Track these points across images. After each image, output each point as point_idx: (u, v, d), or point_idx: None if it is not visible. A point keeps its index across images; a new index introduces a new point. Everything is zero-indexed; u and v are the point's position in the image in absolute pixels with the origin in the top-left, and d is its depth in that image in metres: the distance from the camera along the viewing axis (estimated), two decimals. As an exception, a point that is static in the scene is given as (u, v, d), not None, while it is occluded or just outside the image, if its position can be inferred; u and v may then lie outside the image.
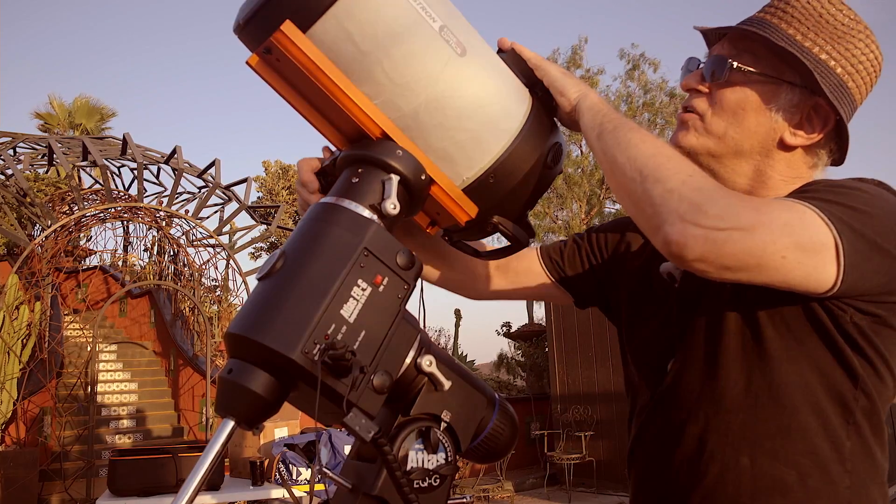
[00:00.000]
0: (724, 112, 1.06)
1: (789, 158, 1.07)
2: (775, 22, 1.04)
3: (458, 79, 0.88)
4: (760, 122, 1.05)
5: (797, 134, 1.04)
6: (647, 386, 1.13)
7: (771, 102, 1.04)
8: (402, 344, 0.84)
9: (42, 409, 9.18)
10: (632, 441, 1.15)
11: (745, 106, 1.05)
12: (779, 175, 1.07)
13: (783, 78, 1.03)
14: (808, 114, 1.04)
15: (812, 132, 1.04)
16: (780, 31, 1.03)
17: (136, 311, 12.93)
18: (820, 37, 1.02)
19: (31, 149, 12.79)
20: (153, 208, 11.08)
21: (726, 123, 1.06)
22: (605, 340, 9.67)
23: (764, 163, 1.07)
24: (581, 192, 19.03)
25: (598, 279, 1.30)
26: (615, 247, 1.29)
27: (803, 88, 1.03)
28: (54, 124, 20.09)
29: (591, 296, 1.34)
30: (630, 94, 19.92)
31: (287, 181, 22.47)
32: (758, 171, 1.07)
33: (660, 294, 1.15)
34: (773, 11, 1.06)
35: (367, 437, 0.76)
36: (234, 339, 0.78)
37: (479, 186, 0.92)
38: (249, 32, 0.85)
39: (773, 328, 0.97)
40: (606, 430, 9.47)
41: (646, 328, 1.17)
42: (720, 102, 1.07)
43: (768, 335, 0.97)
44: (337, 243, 0.80)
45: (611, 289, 1.29)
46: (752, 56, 1.05)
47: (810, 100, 1.03)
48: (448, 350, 15.12)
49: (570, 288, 1.34)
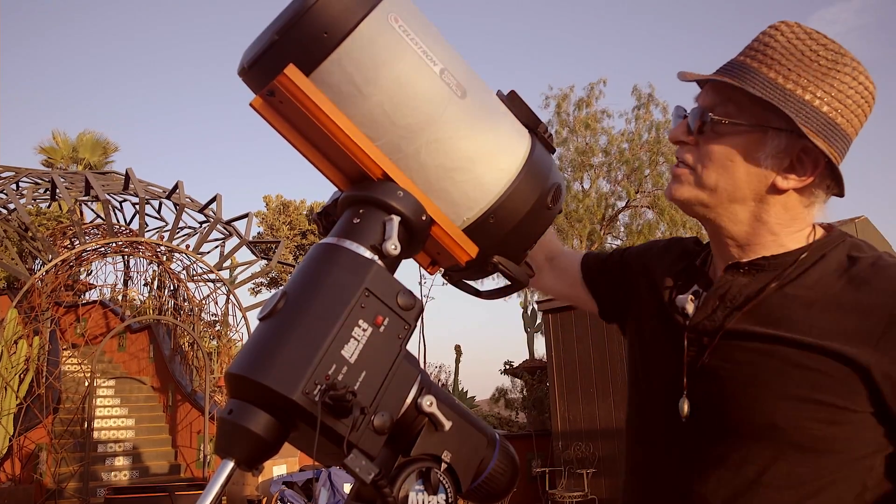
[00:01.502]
0: (712, 164, 1.06)
1: (785, 201, 1.06)
2: (755, 66, 1.03)
3: (459, 121, 0.89)
4: (750, 171, 1.04)
5: (789, 178, 1.04)
6: (656, 417, 1.14)
7: (759, 151, 1.03)
8: (402, 384, 0.84)
9: (38, 446, 9.09)
10: (641, 474, 1.16)
11: (733, 157, 1.05)
12: (775, 219, 1.07)
13: (768, 125, 1.02)
14: (797, 157, 1.03)
15: (804, 174, 1.04)
16: (761, 75, 1.02)
17: (135, 345, 12.89)
18: (803, 77, 1.01)
19: (34, 183, 12.86)
20: (154, 243, 11.11)
21: (717, 175, 1.06)
22: (605, 375, 9.61)
23: (759, 208, 1.07)
24: (582, 229, 19.10)
25: (621, 299, 1.32)
26: (643, 271, 1.29)
27: (790, 133, 1.01)
28: (58, 159, 20.24)
29: (613, 312, 1.36)
30: (634, 132, 20.14)
31: (288, 216, 22.53)
32: (754, 217, 1.07)
33: (671, 324, 1.15)
34: (752, 55, 1.05)
35: (368, 478, 0.76)
36: (235, 379, 0.78)
37: (480, 227, 0.93)
38: (253, 76, 0.86)
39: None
40: (608, 467, 9.37)
41: (656, 360, 1.18)
42: (708, 155, 1.06)
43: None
44: (338, 284, 0.80)
45: (628, 313, 1.31)
46: (734, 105, 1.04)
47: (798, 143, 1.02)
48: (449, 386, 15.02)
49: (598, 298, 1.37)
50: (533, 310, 15.65)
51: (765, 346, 1.02)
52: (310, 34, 0.81)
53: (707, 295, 1.12)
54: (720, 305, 1.09)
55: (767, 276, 1.07)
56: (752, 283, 1.08)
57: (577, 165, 19.96)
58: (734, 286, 1.09)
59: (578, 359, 9.98)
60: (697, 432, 1.07)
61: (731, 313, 1.07)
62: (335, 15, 0.81)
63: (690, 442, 1.08)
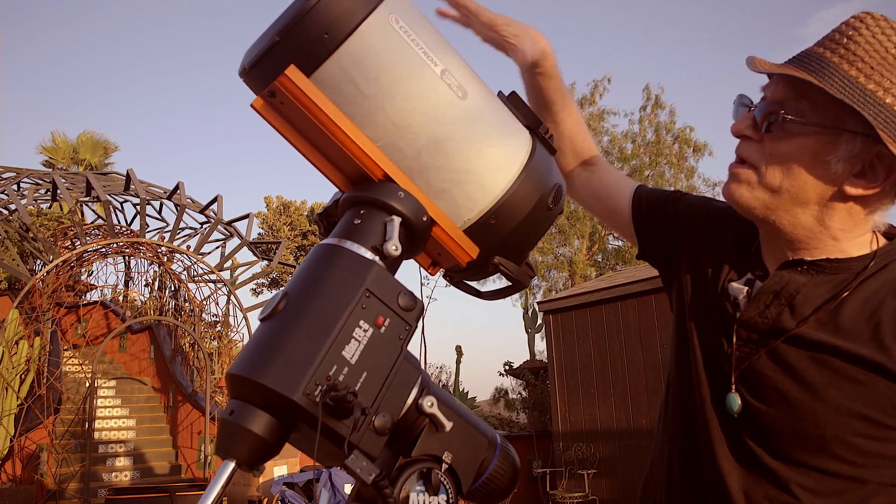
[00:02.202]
0: (778, 165, 0.99)
1: (850, 207, 1.00)
2: (836, 61, 0.96)
3: (460, 121, 0.90)
4: (818, 175, 0.98)
5: (857, 184, 0.98)
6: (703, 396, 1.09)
7: (830, 154, 0.97)
8: (403, 385, 0.84)
9: (39, 446, 9.10)
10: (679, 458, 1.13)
11: (802, 159, 0.98)
12: (838, 225, 1.01)
13: (843, 127, 0.95)
14: (870, 162, 0.97)
15: (874, 181, 0.97)
16: (841, 72, 0.95)
17: (135, 346, 12.89)
18: (886, 77, 0.94)
19: (35, 184, 12.88)
20: (155, 244, 11.12)
21: (782, 176, 0.99)
22: (606, 375, 9.61)
23: (823, 213, 1.01)
24: (583, 229, 19.11)
25: (668, 250, 1.26)
26: (696, 232, 1.22)
27: (865, 136, 0.94)
28: (58, 160, 20.25)
29: (655, 258, 1.31)
30: (637, 133, 20.19)
31: (289, 217, 22.55)
32: (817, 221, 1.02)
33: (719, 313, 1.10)
34: (834, 47, 0.97)
35: (369, 479, 0.76)
36: (236, 379, 0.78)
37: (481, 227, 0.93)
38: (254, 76, 0.87)
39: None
40: (609, 467, 9.36)
41: (702, 347, 1.12)
42: (775, 154, 1.00)
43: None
44: (339, 285, 0.80)
45: (673, 270, 1.24)
46: (808, 103, 0.98)
47: (873, 148, 0.95)
48: (449, 387, 15.02)
49: (641, 240, 1.31)
50: (534, 310, 15.67)
51: (820, 355, 0.97)
52: (311, 35, 0.81)
53: (760, 289, 1.07)
54: (773, 302, 1.04)
55: (828, 280, 1.01)
56: (810, 285, 1.02)
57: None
58: (791, 284, 1.03)
59: (579, 359, 9.98)
60: (738, 430, 1.04)
61: (792, 315, 1.01)
62: (336, 16, 0.81)
63: (730, 439, 1.04)
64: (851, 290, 0.98)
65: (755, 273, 1.10)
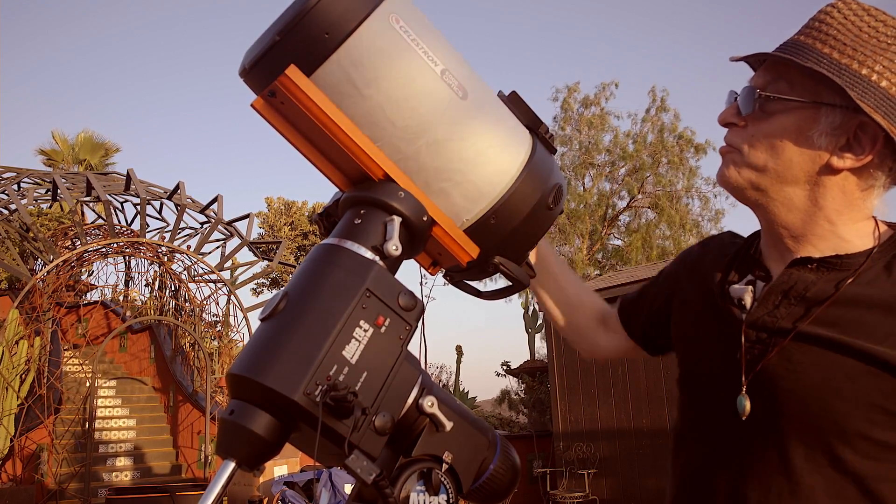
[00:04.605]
0: (761, 144, 1.02)
1: (842, 184, 1.01)
2: (810, 43, 0.99)
3: (459, 121, 0.90)
4: (802, 151, 0.99)
5: (845, 157, 0.98)
6: (710, 415, 1.10)
7: (811, 128, 0.99)
8: (403, 385, 0.84)
9: (39, 446, 9.10)
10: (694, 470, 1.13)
11: (783, 136, 1.00)
12: (832, 204, 1.01)
13: (821, 100, 0.98)
14: (854, 133, 0.98)
15: (861, 153, 0.98)
16: (815, 51, 0.98)
17: (136, 346, 12.90)
18: (859, 52, 0.96)
19: (36, 184, 12.88)
20: (155, 244, 11.12)
21: (766, 155, 1.01)
22: (607, 376, 9.61)
23: (815, 192, 1.01)
24: (583, 228, 19.12)
25: (663, 324, 1.28)
26: (683, 278, 1.25)
27: (845, 108, 0.96)
28: (59, 160, 20.25)
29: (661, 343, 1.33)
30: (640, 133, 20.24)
31: (289, 217, 22.56)
32: (810, 202, 1.02)
33: (726, 318, 1.10)
34: (808, 32, 1.01)
35: (369, 479, 0.76)
36: (237, 379, 0.78)
37: (481, 227, 0.93)
38: (254, 76, 0.86)
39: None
40: (610, 467, 9.36)
41: (707, 357, 1.13)
42: (756, 134, 1.02)
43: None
44: (339, 284, 0.80)
45: (672, 329, 1.26)
46: (786, 82, 1.00)
47: (855, 119, 0.97)
48: (449, 386, 15.02)
49: (636, 339, 1.37)
50: (534, 310, 15.65)
51: (833, 351, 0.97)
52: (311, 35, 0.81)
53: (768, 288, 1.06)
54: (783, 301, 1.03)
55: (838, 277, 1.01)
56: (820, 282, 1.01)
57: (578, 164, 20.03)
58: (800, 282, 1.03)
59: (579, 359, 9.98)
60: (751, 433, 1.03)
61: (803, 313, 1.01)
62: (336, 16, 0.81)
63: (744, 442, 1.04)
64: (857, 284, 0.99)
65: (756, 274, 1.10)
